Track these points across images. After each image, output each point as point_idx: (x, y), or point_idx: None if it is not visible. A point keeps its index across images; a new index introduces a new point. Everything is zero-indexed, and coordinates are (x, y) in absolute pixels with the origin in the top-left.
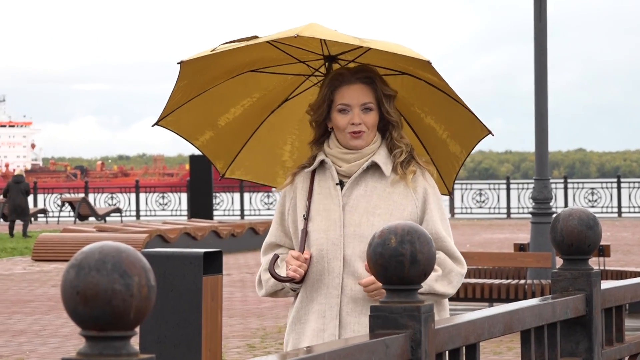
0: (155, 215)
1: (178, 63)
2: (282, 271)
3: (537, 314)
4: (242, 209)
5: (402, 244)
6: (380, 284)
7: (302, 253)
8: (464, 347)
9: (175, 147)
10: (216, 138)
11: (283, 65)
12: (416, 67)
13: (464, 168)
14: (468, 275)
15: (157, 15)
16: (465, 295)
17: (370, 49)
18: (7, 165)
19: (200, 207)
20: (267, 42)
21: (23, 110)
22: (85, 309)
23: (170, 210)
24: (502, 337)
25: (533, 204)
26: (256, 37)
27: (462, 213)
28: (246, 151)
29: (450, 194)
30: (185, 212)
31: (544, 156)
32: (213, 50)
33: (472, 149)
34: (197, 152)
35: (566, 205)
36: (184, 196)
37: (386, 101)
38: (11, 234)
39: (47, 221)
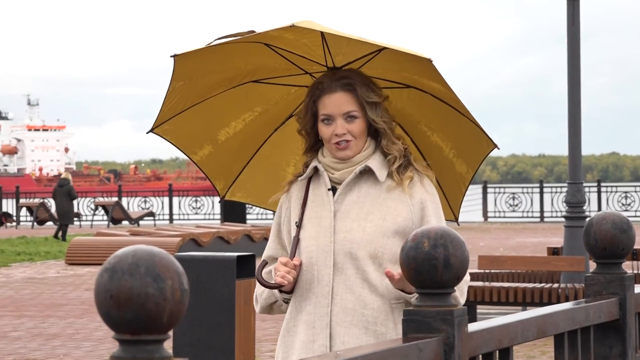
0: (188, 219)
1: (171, 56)
2: (271, 279)
3: (571, 317)
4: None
5: (435, 248)
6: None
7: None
8: (497, 351)
9: None
10: (216, 154)
11: (286, 76)
12: (421, 75)
13: (497, 172)
14: (502, 279)
15: (190, 19)
16: (498, 299)
17: (372, 59)
18: (40, 169)
19: (233, 210)
20: (269, 47)
21: (56, 114)
22: (119, 312)
23: (203, 214)
24: (536, 340)
25: (566, 207)
26: (253, 31)
27: (495, 217)
28: (247, 172)
29: (457, 219)
30: (219, 216)
31: (577, 160)
32: (209, 44)
33: (478, 168)
34: None
35: (599, 209)
36: (217, 200)
37: (370, 108)
38: (56, 236)
39: (80, 225)
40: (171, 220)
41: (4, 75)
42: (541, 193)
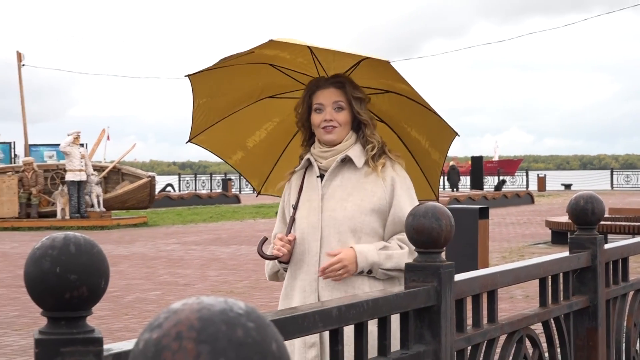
0: (454, 190)
1: (185, 76)
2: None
3: None
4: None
5: (587, 204)
6: (345, 264)
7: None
8: (620, 259)
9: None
10: (247, 158)
11: (294, 91)
12: (394, 80)
13: (618, 163)
14: (622, 221)
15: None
16: (620, 231)
17: (355, 70)
18: None
19: (476, 183)
20: (274, 67)
21: None
22: (418, 237)
23: (461, 185)
24: None
25: None
26: (251, 50)
27: (617, 187)
28: (276, 172)
29: (437, 198)
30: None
31: None
32: (215, 65)
33: (447, 154)
34: (476, 154)
35: None
36: (468, 178)
37: (356, 103)
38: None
39: None
40: (443, 188)
41: None
42: None
